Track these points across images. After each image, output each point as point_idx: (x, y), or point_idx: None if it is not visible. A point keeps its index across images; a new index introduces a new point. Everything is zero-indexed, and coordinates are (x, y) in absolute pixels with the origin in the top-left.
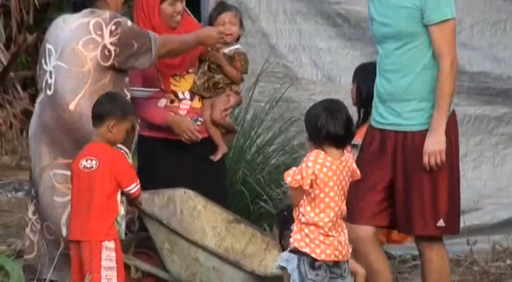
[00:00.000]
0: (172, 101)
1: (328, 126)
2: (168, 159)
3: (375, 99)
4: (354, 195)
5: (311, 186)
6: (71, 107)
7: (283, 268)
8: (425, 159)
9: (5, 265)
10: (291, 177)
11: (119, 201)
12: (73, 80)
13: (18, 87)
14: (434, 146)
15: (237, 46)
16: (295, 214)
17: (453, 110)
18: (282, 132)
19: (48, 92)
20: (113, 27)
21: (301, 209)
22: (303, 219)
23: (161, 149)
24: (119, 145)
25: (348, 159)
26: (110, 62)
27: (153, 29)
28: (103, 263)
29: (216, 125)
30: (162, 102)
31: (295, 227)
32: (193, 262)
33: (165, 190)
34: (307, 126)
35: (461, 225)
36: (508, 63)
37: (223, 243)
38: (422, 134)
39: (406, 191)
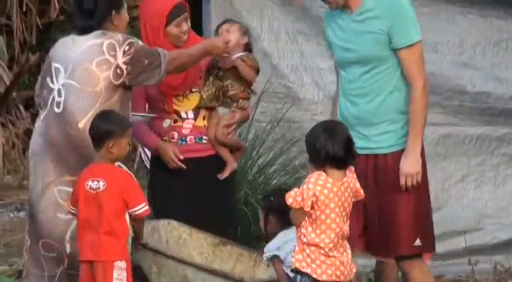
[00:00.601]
0: (175, 121)
1: (327, 148)
2: (175, 177)
3: None
4: None
5: (312, 207)
6: (80, 125)
7: (274, 257)
8: (402, 181)
9: None
10: (292, 198)
11: (128, 221)
12: (85, 99)
13: (21, 107)
14: (411, 167)
15: (244, 53)
16: (297, 234)
17: None
18: (284, 152)
19: (56, 110)
20: (126, 48)
21: (303, 230)
22: (305, 240)
23: (169, 168)
24: (118, 163)
25: (350, 180)
26: (121, 80)
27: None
28: None
29: (220, 143)
30: (167, 122)
31: (297, 247)
32: (182, 280)
33: (149, 221)
34: (308, 148)
35: (463, 245)
36: (510, 84)
37: (212, 266)
38: (394, 156)
39: (380, 214)
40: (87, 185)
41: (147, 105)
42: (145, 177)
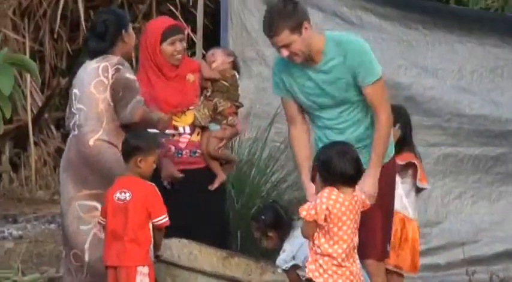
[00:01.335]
0: (173, 135)
1: (341, 168)
2: (172, 187)
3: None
4: None
5: (325, 220)
6: (91, 142)
7: (292, 267)
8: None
9: None
10: (306, 211)
11: (151, 230)
12: (92, 120)
13: (52, 127)
14: (372, 189)
15: None
16: (309, 246)
17: (393, 156)
18: (295, 170)
19: (74, 132)
20: (113, 71)
21: (316, 242)
22: (318, 251)
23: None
24: None
25: (357, 193)
26: None
27: (156, 66)
28: None
29: (211, 157)
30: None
31: (309, 258)
32: None
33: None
34: (321, 168)
35: (461, 256)
36: (506, 107)
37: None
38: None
39: (362, 220)
40: (115, 196)
41: None
42: None
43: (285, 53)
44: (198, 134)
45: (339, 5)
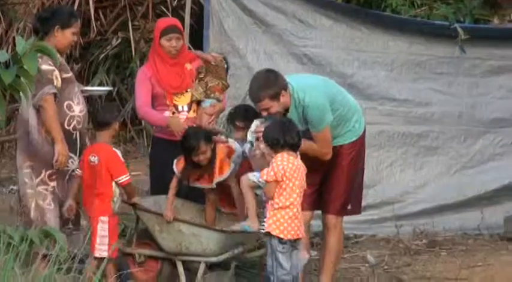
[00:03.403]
0: (173, 113)
1: (286, 137)
2: (170, 156)
3: None
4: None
5: (282, 179)
6: (25, 123)
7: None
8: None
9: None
10: (266, 175)
11: (114, 187)
12: (24, 103)
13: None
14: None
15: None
16: (269, 205)
17: (364, 130)
18: None
19: (20, 112)
20: None
21: (276, 199)
22: (276, 206)
23: (169, 146)
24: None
25: (299, 159)
26: None
27: (159, 55)
28: (98, 232)
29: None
30: (166, 113)
31: (268, 214)
32: (178, 234)
33: (151, 196)
34: (269, 138)
35: (391, 213)
36: (427, 93)
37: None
38: (345, 146)
39: (330, 182)
40: (89, 158)
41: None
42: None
43: (265, 113)
44: (194, 111)
45: (299, 9)
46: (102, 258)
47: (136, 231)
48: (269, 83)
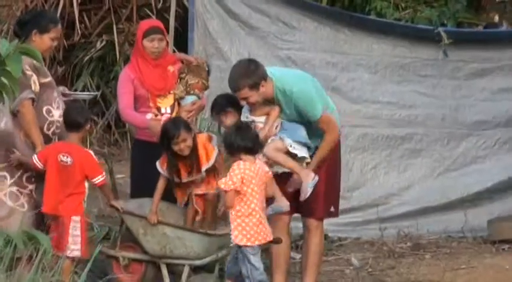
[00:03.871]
0: (156, 115)
1: (240, 142)
2: (153, 158)
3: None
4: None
5: (240, 188)
6: (2, 125)
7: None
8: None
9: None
10: (224, 184)
11: (86, 187)
12: (1, 106)
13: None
14: (308, 176)
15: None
16: (231, 216)
17: (339, 139)
18: None
19: None
20: None
21: (237, 207)
22: (239, 214)
23: (150, 149)
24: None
25: (260, 164)
26: None
27: (141, 56)
28: (70, 231)
29: None
30: (149, 115)
31: (232, 226)
32: (162, 237)
33: (136, 199)
34: (227, 144)
35: (375, 215)
36: (410, 95)
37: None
38: None
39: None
40: (59, 157)
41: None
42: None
43: (243, 102)
44: (176, 113)
45: (283, 11)
46: (73, 258)
47: (120, 234)
48: (249, 72)
